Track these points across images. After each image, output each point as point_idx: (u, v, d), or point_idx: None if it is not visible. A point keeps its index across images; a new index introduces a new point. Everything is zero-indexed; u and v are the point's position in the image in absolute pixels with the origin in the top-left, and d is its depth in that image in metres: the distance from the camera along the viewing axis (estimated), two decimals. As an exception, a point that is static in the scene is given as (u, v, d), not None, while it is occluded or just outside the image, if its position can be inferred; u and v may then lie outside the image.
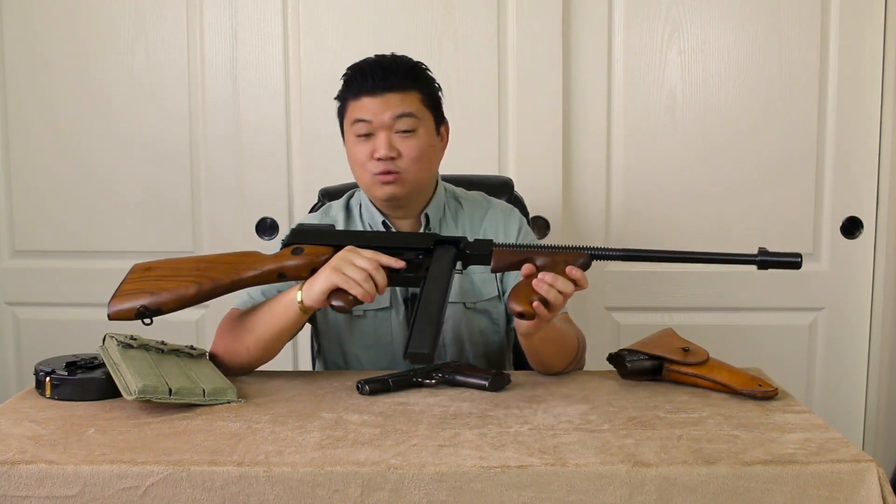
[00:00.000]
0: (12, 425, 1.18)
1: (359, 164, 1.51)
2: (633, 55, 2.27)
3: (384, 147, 1.46)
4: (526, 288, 1.28)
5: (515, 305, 1.27)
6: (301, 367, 2.26)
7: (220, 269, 1.36)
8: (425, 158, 1.51)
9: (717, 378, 1.35)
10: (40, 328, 2.40)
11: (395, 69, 1.48)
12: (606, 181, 2.31)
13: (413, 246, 1.37)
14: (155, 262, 1.39)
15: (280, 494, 1.02)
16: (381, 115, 1.46)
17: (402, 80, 1.48)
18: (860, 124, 2.26)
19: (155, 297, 1.32)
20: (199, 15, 2.28)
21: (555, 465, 1.03)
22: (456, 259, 1.36)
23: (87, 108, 2.31)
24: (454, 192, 1.66)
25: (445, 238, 1.38)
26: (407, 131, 1.48)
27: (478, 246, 1.36)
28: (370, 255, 1.33)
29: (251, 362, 1.44)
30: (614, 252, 1.31)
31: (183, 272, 1.36)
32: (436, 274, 1.33)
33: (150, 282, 1.34)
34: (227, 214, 2.32)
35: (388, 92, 1.46)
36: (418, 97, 1.49)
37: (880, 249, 2.30)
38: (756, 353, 2.22)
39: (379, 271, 1.31)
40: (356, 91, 1.48)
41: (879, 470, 1.03)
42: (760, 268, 1.28)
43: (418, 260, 1.36)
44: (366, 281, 1.30)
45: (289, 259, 1.36)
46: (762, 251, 1.28)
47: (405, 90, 1.48)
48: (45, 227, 2.36)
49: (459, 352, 1.59)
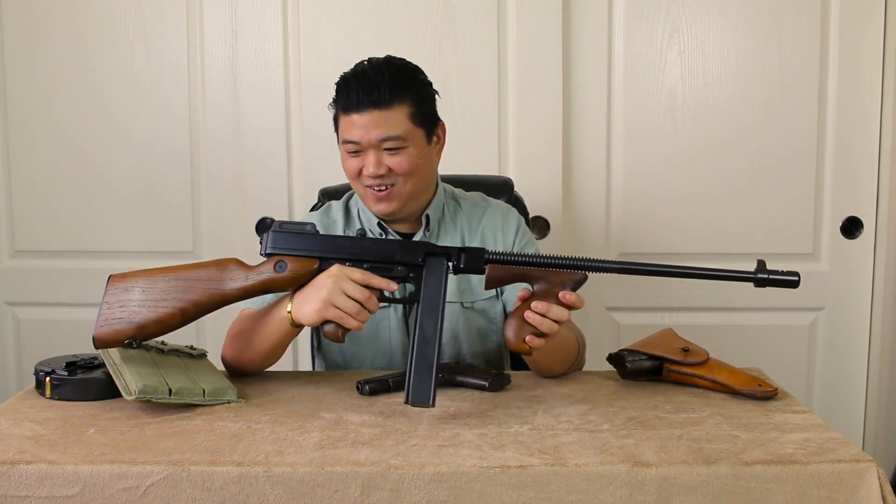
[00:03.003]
0: (12, 425, 1.18)
1: (351, 176, 1.51)
2: (633, 55, 2.27)
3: (372, 166, 1.46)
4: (520, 321, 1.25)
5: (510, 342, 1.25)
6: (301, 367, 2.26)
7: (200, 290, 1.31)
8: (417, 171, 1.49)
9: (716, 378, 1.35)
10: (40, 328, 2.40)
11: (380, 83, 1.44)
12: (606, 181, 2.31)
13: (403, 260, 1.32)
14: (131, 278, 1.32)
15: (280, 494, 1.02)
16: (368, 136, 1.45)
17: (388, 93, 1.44)
18: (860, 124, 2.26)
19: (140, 328, 1.28)
20: (199, 15, 2.28)
21: (555, 465, 1.03)
22: (448, 273, 1.32)
23: (87, 108, 2.31)
24: (453, 192, 1.66)
25: (436, 249, 1.33)
26: (395, 149, 1.47)
27: (470, 258, 1.31)
28: (360, 277, 1.29)
29: (256, 370, 1.46)
30: (612, 266, 1.27)
31: (160, 294, 1.30)
32: (429, 298, 1.29)
33: (132, 309, 1.29)
34: (227, 214, 2.32)
35: (373, 109, 1.44)
36: (406, 112, 1.46)
37: (880, 249, 2.30)
38: (756, 353, 2.23)
39: (371, 299, 1.29)
40: (344, 105, 1.47)
41: (879, 470, 1.03)
42: (758, 286, 1.26)
43: (409, 276, 1.32)
44: (359, 313, 1.28)
45: (272, 274, 1.32)
46: (760, 266, 1.26)
47: (391, 106, 1.44)
48: (45, 227, 2.36)
49: (457, 351, 1.59)
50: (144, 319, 1.29)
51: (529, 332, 1.24)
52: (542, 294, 1.26)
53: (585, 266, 1.27)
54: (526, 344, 1.24)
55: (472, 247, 1.33)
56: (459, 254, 1.31)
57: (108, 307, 1.30)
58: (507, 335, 1.25)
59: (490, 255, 1.30)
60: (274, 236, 1.33)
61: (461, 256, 1.31)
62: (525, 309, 1.25)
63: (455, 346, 1.59)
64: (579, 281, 1.28)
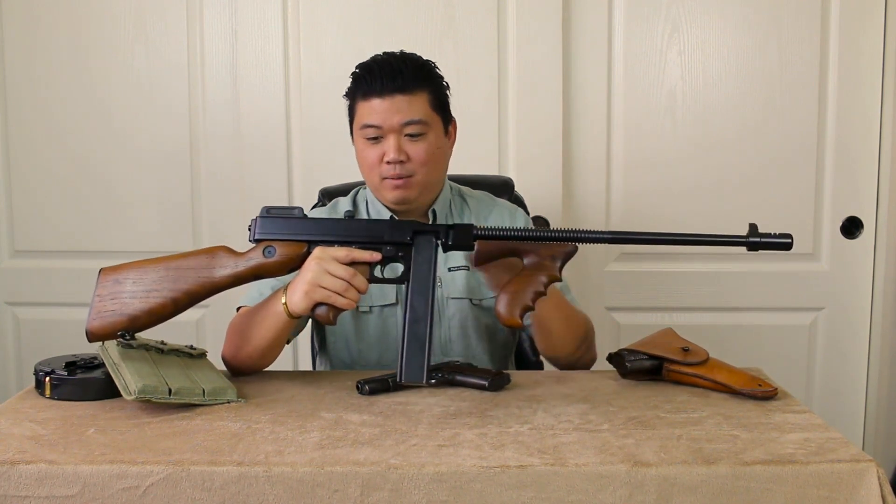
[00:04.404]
0: (12, 425, 1.18)
1: (368, 166, 1.51)
2: (633, 55, 2.27)
3: (394, 151, 1.46)
4: (511, 296, 1.25)
5: (502, 317, 1.25)
6: (301, 367, 2.26)
7: (191, 278, 1.31)
8: (434, 161, 1.51)
9: (716, 378, 1.34)
10: (40, 328, 2.40)
11: (403, 69, 1.47)
12: (606, 181, 2.31)
13: (391, 240, 1.31)
14: (122, 270, 1.32)
15: (280, 494, 1.02)
16: (391, 120, 1.46)
17: (411, 80, 1.47)
18: (860, 124, 2.26)
19: (133, 319, 1.28)
20: (199, 15, 2.28)
21: (555, 465, 1.03)
22: (437, 250, 1.31)
23: (87, 107, 2.31)
24: (459, 189, 1.67)
25: (424, 227, 1.32)
26: (416, 135, 1.48)
27: (459, 234, 1.30)
28: (344, 255, 1.29)
29: (256, 368, 1.45)
30: (602, 235, 1.26)
31: (151, 285, 1.30)
32: (419, 278, 1.29)
33: (124, 300, 1.29)
34: (227, 214, 2.32)
35: (396, 94, 1.46)
36: (427, 99, 1.49)
37: (880, 249, 2.30)
38: (756, 353, 2.23)
39: (357, 276, 1.28)
40: (365, 92, 1.48)
41: (879, 470, 1.03)
42: (750, 249, 1.25)
43: (398, 256, 1.31)
44: (346, 290, 1.27)
45: (262, 260, 1.32)
46: (752, 230, 1.25)
47: (413, 92, 1.47)
48: (45, 227, 2.36)
49: (466, 348, 1.59)
50: (136, 310, 1.29)
51: (521, 307, 1.24)
52: (532, 267, 1.27)
53: (575, 237, 1.26)
54: (521, 321, 1.24)
55: (461, 223, 1.33)
56: (448, 231, 1.30)
57: (99, 300, 1.30)
58: (498, 310, 1.25)
59: (478, 231, 1.29)
60: (262, 222, 1.33)
61: (449, 233, 1.30)
62: (515, 283, 1.25)
63: (464, 342, 1.59)
64: (570, 253, 1.28)
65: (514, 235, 1.28)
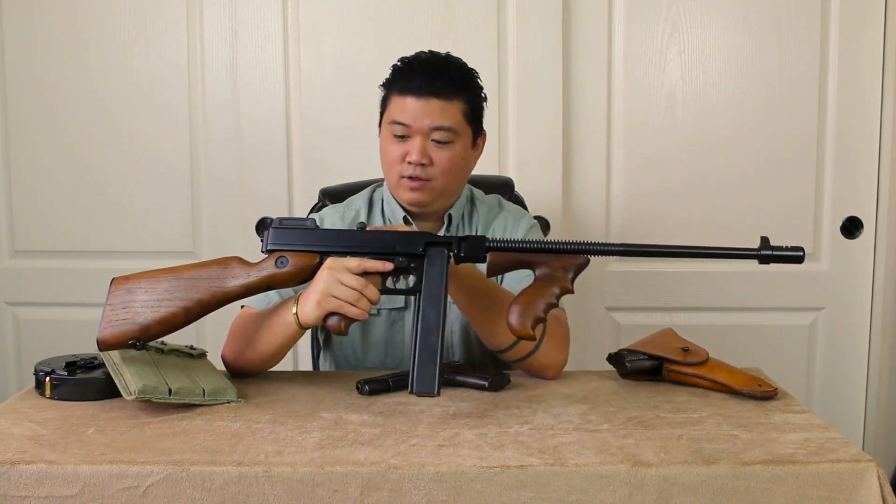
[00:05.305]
0: (12, 425, 1.18)
1: (389, 162, 1.51)
2: (633, 55, 2.27)
3: (416, 153, 1.46)
4: (523, 307, 1.24)
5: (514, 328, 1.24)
6: (301, 367, 2.26)
7: (203, 288, 1.31)
8: (456, 170, 1.50)
9: (716, 378, 1.35)
10: (40, 328, 2.40)
11: (444, 73, 1.46)
12: (606, 181, 2.31)
13: (404, 251, 1.31)
14: (134, 280, 1.32)
15: (280, 494, 1.02)
16: (421, 122, 1.46)
17: (449, 86, 1.46)
18: (860, 124, 2.26)
19: (145, 329, 1.28)
20: (199, 15, 2.28)
21: (555, 465, 1.03)
22: (448, 262, 1.31)
23: (86, 108, 2.31)
24: (472, 194, 1.66)
25: (436, 239, 1.33)
26: (443, 142, 1.47)
27: (471, 246, 1.30)
28: (356, 265, 1.29)
29: (257, 371, 1.45)
30: (614, 248, 1.27)
31: (163, 294, 1.30)
32: (431, 289, 1.28)
33: (135, 310, 1.29)
34: (227, 214, 2.32)
35: (432, 97, 1.45)
36: (461, 108, 1.48)
37: (880, 249, 2.30)
38: (756, 353, 2.23)
39: (369, 287, 1.28)
40: (401, 87, 1.47)
41: (879, 470, 1.03)
42: (762, 262, 1.25)
43: (410, 267, 1.31)
44: (358, 300, 1.27)
45: (274, 270, 1.32)
46: (764, 243, 1.25)
47: (450, 98, 1.46)
48: (45, 227, 2.36)
49: (467, 351, 1.59)
50: (148, 320, 1.29)
51: (533, 318, 1.24)
52: (544, 279, 1.27)
53: (586, 250, 1.27)
54: (533, 332, 1.24)
55: (473, 235, 1.33)
56: (460, 242, 1.31)
57: (111, 309, 1.30)
58: (510, 321, 1.25)
59: (490, 243, 1.29)
60: (275, 232, 1.34)
61: (462, 245, 1.31)
62: (527, 295, 1.25)
63: (465, 345, 1.59)
64: (582, 265, 1.28)
65: (525, 248, 1.28)
